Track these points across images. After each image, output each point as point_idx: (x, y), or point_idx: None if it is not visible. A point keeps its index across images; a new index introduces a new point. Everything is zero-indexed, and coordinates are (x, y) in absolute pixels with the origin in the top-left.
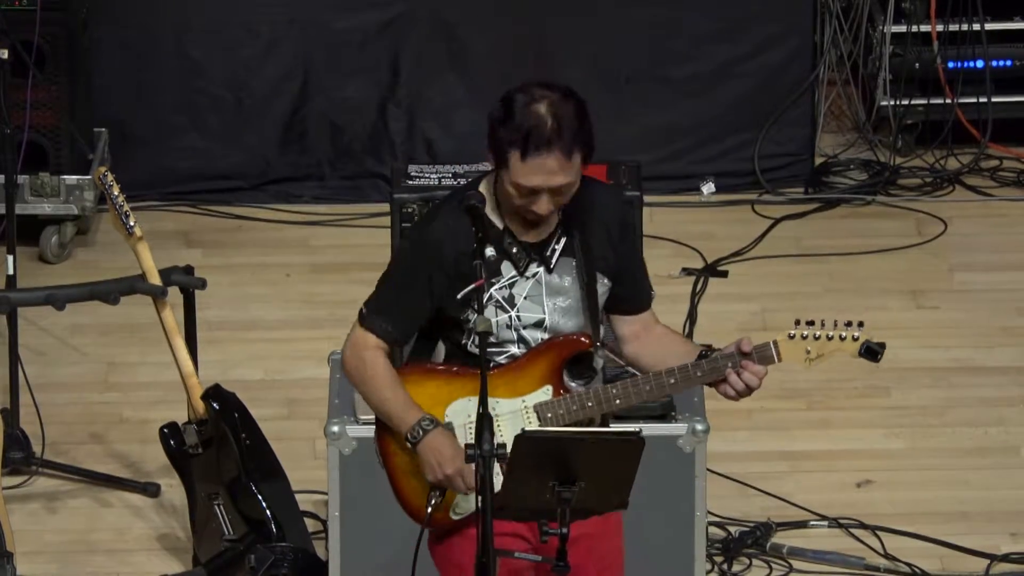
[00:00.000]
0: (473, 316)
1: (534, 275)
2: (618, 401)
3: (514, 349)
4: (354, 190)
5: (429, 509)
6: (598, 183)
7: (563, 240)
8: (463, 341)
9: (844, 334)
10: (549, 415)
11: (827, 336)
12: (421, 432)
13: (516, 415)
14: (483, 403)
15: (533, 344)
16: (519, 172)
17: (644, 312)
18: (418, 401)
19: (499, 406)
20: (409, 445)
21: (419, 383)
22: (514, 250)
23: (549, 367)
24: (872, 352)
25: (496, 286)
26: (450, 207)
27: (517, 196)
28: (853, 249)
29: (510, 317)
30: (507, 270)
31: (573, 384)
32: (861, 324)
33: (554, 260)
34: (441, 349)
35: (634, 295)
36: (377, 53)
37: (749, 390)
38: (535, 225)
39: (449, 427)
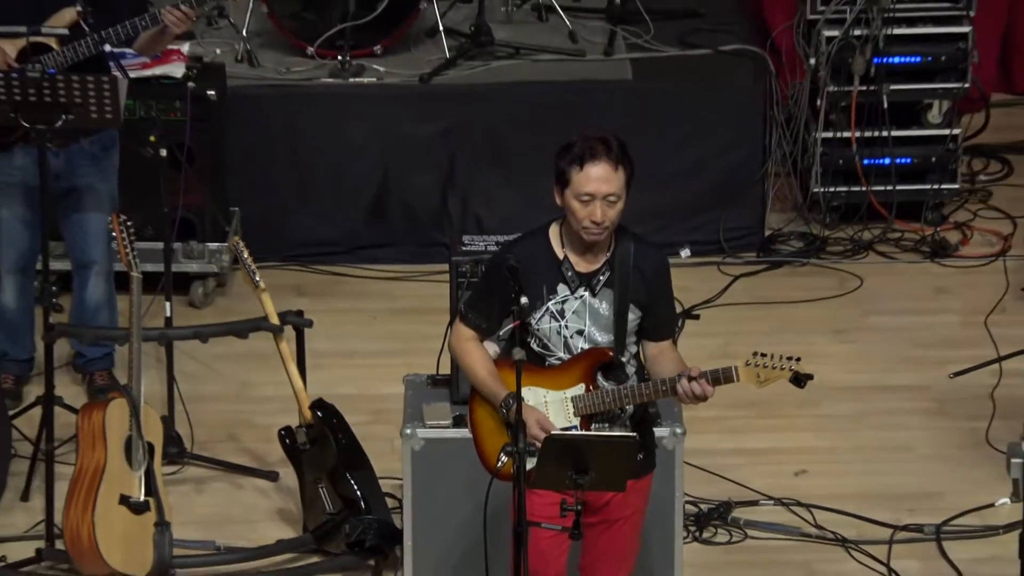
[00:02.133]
0: (535, 321)
1: (580, 297)
2: (626, 400)
3: (560, 353)
4: (422, 255)
5: (499, 464)
6: (645, 242)
7: (607, 275)
8: (528, 339)
9: (784, 366)
10: (581, 405)
11: (772, 366)
12: (510, 404)
13: (558, 403)
14: (518, 413)
15: (574, 349)
16: (579, 182)
17: (662, 341)
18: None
19: (548, 396)
20: (503, 411)
21: (502, 372)
22: (569, 274)
23: (583, 370)
24: (798, 380)
25: (553, 300)
26: (528, 236)
27: (579, 207)
28: (792, 299)
29: (559, 325)
30: (562, 290)
31: (606, 384)
32: (799, 359)
33: (598, 288)
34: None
35: (655, 327)
36: (439, 153)
37: (696, 398)
38: (591, 249)
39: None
